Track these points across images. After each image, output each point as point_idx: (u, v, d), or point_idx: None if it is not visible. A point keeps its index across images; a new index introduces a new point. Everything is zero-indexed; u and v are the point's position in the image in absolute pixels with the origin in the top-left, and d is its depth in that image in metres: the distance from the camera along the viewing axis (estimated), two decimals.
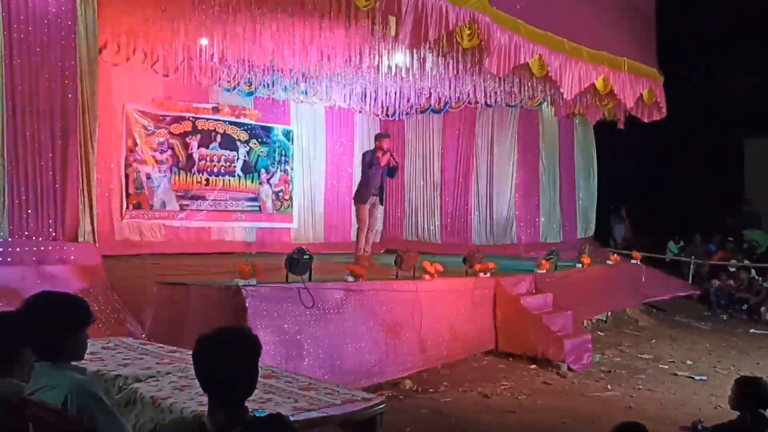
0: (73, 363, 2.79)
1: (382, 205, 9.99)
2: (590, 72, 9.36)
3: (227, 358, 2.38)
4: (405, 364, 6.86)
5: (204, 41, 9.06)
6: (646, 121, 11.10)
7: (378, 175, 9.45)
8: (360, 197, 9.51)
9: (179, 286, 6.32)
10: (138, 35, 9.05)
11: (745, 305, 11.97)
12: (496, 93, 11.14)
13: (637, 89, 10.29)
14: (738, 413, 4.11)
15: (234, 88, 11.00)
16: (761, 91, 16.99)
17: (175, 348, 4.28)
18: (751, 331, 10.72)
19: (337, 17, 7.52)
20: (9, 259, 5.60)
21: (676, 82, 11.67)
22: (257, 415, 2.33)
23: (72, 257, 5.95)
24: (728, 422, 4.18)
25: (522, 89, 10.38)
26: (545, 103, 11.96)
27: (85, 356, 2.93)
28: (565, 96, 9.18)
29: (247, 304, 5.68)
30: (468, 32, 7.52)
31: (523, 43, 8.16)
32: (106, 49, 9.02)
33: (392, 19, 7.13)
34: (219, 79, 10.50)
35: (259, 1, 7.41)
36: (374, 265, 8.20)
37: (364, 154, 9.81)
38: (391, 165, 9.49)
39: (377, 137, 9.95)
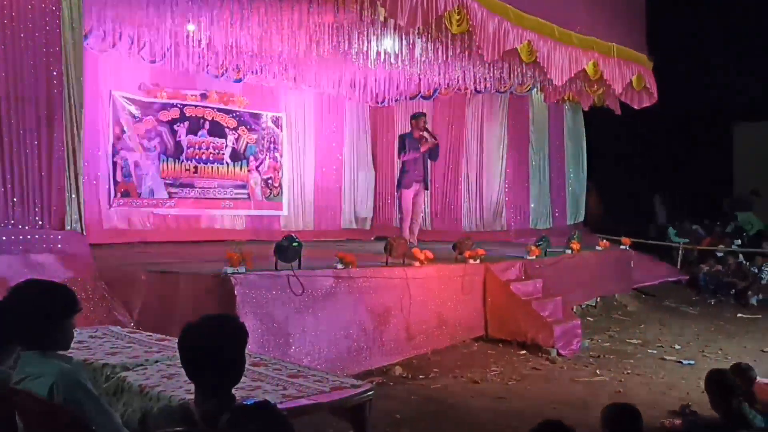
0: (60, 352, 2.77)
1: (427, 190, 9.82)
2: (580, 57, 9.35)
3: (213, 345, 2.37)
4: (394, 351, 6.88)
5: (191, 27, 8.97)
6: (636, 107, 11.12)
7: (420, 159, 9.27)
8: (402, 183, 9.31)
9: (168, 275, 6.30)
10: (124, 21, 8.95)
11: (733, 290, 12.05)
12: (485, 79, 11.09)
13: (627, 75, 10.28)
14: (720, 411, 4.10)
15: (222, 75, 10.91)
16: (751, 77, 17.03)
17: (163, 336, 4.26)
18: (739, 315, 10.79)
19: (325, 2, 7.45)
20: None
21: (665, 67, 11.67)
22: (245, 402, 2.33)
23: (59, 246, 5.90)
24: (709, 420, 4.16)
25: (511, 75, 10.35)
26: (535, 89, 11.94)
27: (72, 345, 2.90)
28: (554, 82, 9.17)
29: (236, 292, 5.67)
30: (457, 17, 7.50)
31: (511, 29, 8.14)
32: (91, 35, 8.92)
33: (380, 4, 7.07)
34: (207, 66, 10.41)
35: None
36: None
37: (400, 137, 9.66)
38: (431, 145, 9.35)
39: (413, 117, 9.68)
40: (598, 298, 10.41)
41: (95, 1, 8.01)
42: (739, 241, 14.05)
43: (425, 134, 9.39)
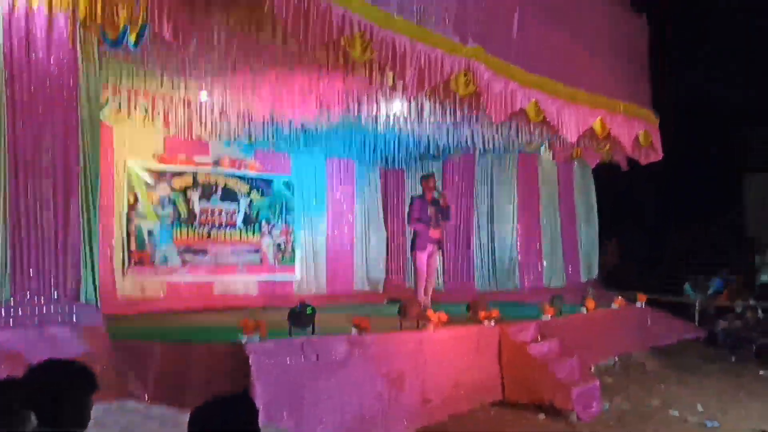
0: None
1: (441, 251, 9.81)
2: (587, 115, 9.45)
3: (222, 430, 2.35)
4: (410, 418, 6.74)
5: (204, 96, 9.16)
6: (642, 162, 11.18)
7: (433, 220, 9.30)
8: (416, 245, 9.32)
9: (181, 344, 6.27)
10: (139, 92, 9.15)
11: (753, 346, 11.82)
12: (494, 138, 11.22)
13: (633, 131, 10.37)
14: None
15: (234, 141, 11.06)
16: (759, 126, 17.14)
17: (177, 410, 4.21)
18: (761, 372, 10.56)
19: (334, 68, 7.60)
20: (11, 322, 5.54)
21: (675, 120, 11.78)
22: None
23: (74, 318, 5.88)
24: None
25: (519, 134, 10.45)
26: (543, 147, 12.03)
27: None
28: (567, 139, 9.24)
29: (250, 361, 5.62)
30: (464, 80, 7.61)
31: (518, 89, 8.24)
32: (107, 107, 9.10)
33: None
34: (219, 132, 10.57)
35: (257, 55, 7.49)
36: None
37: (412, 199, 9.73)
38: (442, 205, 9.39)
39: (423, 178, 9.78)
40: (616, 357, 10.24)
41: (111, 73, 8.21)
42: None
43: (435, 195, 9.44)
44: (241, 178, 11.32)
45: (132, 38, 6.27)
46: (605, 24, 10.29)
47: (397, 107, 9.34)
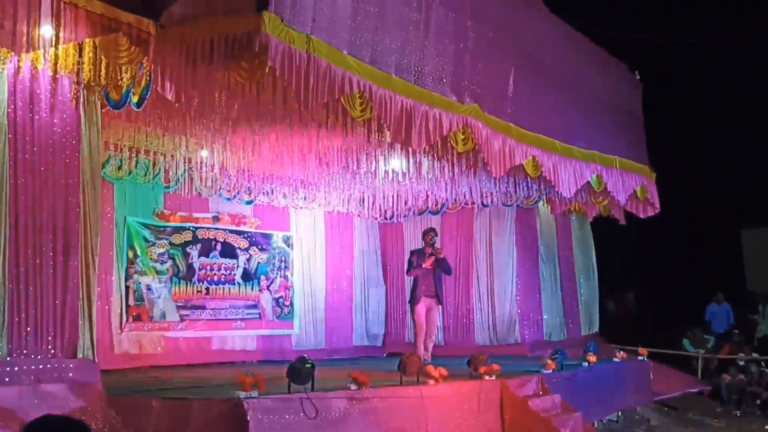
0: None
1: (440, 305, 9.82)
2: (583, 170, 9.56)
3: None
4: None
5: (204, 153, 9.28)
6: (642, 216, 11.25)
7: (430, 274, 9.32)
8: (415, 297, 9.34)
9: (179, 401, 6.19)
10: (140, 149, 9.28)
11: (758, 400, 11.66)
12: (492, 193, 11.32)
13: (630, 186, 10.48)
14: None
15: (234, 197, 11.16)
16: (756, 182, 17.27)
17: None
18: (766, 427, 10.40)
19: (334, 126, 7.73)
20: (7, 379, 5.50)
21: (671, 175, 11.89)
22: None
23: (70, 375, 5.85)
24: None
25: (517, 189, 10.56)
26: (541, 202, 12.11)
27: None
28: (564, 194, 9.33)
29: (248, 418, 5.55)
30: (462, 137, 7.73)
31: (516, 146, 8.36)
32: (108, 164, 9.22)
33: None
34: (219, 189, 10.67)
35: (258, 115, 7.63)
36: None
37: (411, 253, 9.79)
38: (438, 258, 9.42)
39: (425, 233, 9.85)
40: (620, 413, 10.10)
41: (113, 132, 8.34)
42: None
43: (431, 250, 9.51)
44: (241, 233, 11.38)
45: (135, 99, 6.41)
46: (599, 82, 10.50)
47: (395, 163, 9.45)
